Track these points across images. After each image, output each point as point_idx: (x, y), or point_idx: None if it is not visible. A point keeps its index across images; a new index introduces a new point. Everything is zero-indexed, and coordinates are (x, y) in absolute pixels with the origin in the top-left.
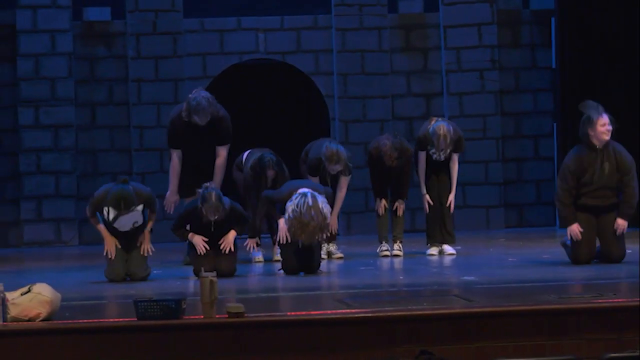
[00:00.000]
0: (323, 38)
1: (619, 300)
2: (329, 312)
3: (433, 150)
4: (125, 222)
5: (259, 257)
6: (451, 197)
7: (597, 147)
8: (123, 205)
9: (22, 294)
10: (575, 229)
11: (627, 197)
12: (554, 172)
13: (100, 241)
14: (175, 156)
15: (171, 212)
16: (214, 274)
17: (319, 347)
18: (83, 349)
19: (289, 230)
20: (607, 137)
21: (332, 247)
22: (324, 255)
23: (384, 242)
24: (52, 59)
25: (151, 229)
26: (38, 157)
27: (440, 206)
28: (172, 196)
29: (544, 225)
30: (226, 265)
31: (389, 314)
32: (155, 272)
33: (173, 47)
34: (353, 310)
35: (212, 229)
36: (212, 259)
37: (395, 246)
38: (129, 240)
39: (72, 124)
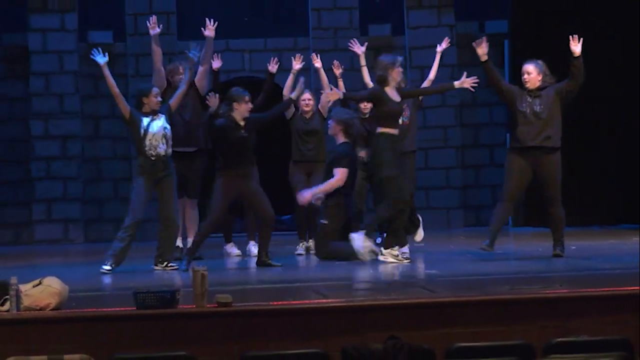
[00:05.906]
0: (302, 58)
1: (565, 291)
2: (307, 302)
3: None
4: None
5: (237, 251)
6: None
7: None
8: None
9: (33, 286)
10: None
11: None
12: None
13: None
14: None
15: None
16: (205, 268)
17: (298, 333)
18: (88, 335)
19: None
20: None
21: (312, 244)
22: (302, 251)
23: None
24: (60, 77)
25: None
26: (48, 164)
27: None
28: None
29: None
30: None
31: (361, 303)
32: (151, 267)
33: None
34: (329, 300)
35: (244, 132)
36: None
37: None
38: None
39: (78, 135)
